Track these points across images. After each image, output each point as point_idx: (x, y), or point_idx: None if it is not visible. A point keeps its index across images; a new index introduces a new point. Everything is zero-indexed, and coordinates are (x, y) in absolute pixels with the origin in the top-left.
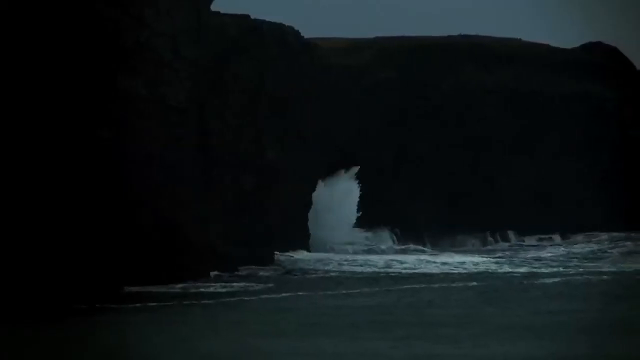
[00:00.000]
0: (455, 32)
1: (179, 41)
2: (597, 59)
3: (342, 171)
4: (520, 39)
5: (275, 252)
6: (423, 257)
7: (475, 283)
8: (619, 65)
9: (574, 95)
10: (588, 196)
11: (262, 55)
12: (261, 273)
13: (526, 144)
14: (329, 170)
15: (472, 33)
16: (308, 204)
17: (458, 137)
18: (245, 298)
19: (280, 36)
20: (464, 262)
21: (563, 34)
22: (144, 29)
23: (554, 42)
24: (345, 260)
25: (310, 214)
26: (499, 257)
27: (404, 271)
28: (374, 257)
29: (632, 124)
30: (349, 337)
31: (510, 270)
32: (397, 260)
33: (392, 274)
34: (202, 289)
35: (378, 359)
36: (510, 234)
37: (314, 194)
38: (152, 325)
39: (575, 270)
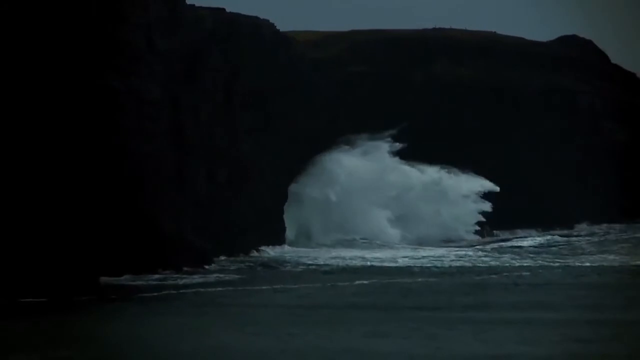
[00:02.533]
0: (429, 25)
1: (153, 34)
2: (572, 52)
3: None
4: (495, 32)
5: (259, 247)
6: (401, 251)
7: (457, 277)
8: (594, 59)
9: (548, 88)
10: (562, 188)
11: (237, 49)
12: (235, 266)
13: (500, 137)
14: (301, 164)
15: (446, 26)
16: (283, 197)
17: (431, 130)
18: (220, 289)
19: (255, 29)
20: (442, 256)
21: (538, 27)
22: (119, 22)
23: (529, 36)
24: (326, 255)
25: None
26: (479, 250)
27: (382, 265)
28: (349, 251)
29: (605, 116)
30: (328, 332)
31: (492, 264)
32: (375, 256)
33: (369, 268)
34: (177, 281)
35: (355, 354)
36: (486, 227)
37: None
38: (135, 318)
39: (553, 263)
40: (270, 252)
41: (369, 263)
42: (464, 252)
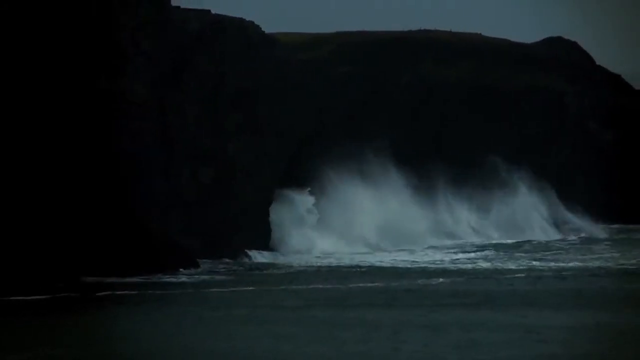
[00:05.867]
0: (415, 27)
1: (139, 35)
2: (558, 53)
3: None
4: (480, 34)
5: (245, 250)
6: (397, 254)
7: (448, 280)
8: (579, 60)
9: (533, 90)
10: (548, 189)
11: (223, 50)
12: (220, 267)
13: (486, 138)
14: (289, 165)
15: (432, 28)
16: (270, 198)
17: (417, 131)
18: (203, 290)
19: (241, 31)
20: (438, 260)
21: (523, 28)
22: (107, 24)
23: (515, 37)
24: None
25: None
26: (470, 252)
27: (372, 265)
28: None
29: (591, 117)
30: (324, 335)
31: (483, 266)
32: (368, 259)
33: (349, 270)
34: (163, 281)
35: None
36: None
37: None
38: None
39: (540, 265)
40: (256, 254)
41: (352, 265)
42: (456, 257)
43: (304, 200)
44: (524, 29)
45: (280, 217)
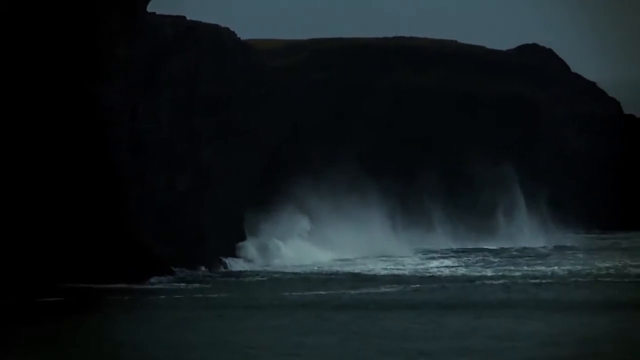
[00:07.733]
0: (391, 34)
1: (114, 42)
2: (533, 60)
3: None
4: (455, 41)
5: (220, 257)
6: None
7: (420, 285)
8: (555, 67)
9: (508, 97)
10: (523, 197)
11: (198, 56)
12: (195, 274)
13: (461, 145)
14: (265, 172)
15: (408, 34)
16: (245, 205)
17: (393, 138)
18: (178, 296)
19: (216, 37)
20: (418, 264)
21: (498, 35)
22: (80, 29)
23: (490, 44)
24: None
25: None
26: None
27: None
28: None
29: (566, 125)
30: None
31: (460, 273)
32: (343, 265)
33: (327, 277)
34: (137, 287)
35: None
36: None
37: None
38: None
39: (514, 273)
40: (232, 262)
41: (338, 273)
42: (434, 263)
43: (297, 220)
44: (500, 35)
45: (270, 233)
